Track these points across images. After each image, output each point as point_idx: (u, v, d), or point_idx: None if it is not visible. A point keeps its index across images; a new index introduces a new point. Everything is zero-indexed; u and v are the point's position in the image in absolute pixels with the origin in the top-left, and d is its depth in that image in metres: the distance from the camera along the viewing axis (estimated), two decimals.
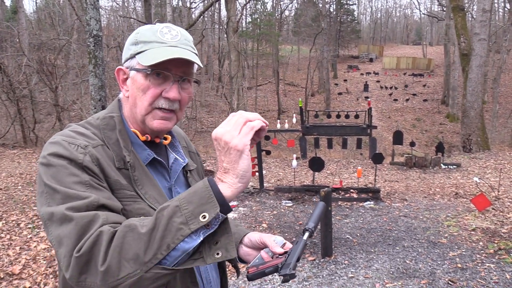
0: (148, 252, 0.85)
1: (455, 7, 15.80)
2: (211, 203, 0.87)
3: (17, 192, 7.53)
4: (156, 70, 1.05)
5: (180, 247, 0.86)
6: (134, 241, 0.86)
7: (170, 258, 0.86)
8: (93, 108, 6.59)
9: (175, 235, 0.85)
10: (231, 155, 0.89)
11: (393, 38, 71.56)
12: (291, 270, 1.02)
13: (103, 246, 0.86)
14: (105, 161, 1.02)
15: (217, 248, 0.90)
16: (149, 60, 1.04)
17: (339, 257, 4.68)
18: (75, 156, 0.98)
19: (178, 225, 0.85)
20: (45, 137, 16.29)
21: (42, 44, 17.50)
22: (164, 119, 1.10)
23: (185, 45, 1.10)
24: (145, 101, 1.08)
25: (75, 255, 0.86)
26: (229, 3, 19.78)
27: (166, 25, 1.11)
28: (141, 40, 1.09)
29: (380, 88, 36.00)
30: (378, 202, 7.12)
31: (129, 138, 1.11)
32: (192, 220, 0.86)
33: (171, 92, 1.07)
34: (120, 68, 1.14)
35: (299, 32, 43.87)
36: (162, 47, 1.06)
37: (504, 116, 25.96)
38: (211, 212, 0.86)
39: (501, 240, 4.95)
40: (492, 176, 9.20)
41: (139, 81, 1.08)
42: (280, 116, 27.77)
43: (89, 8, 6.44)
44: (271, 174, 10.70)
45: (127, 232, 0.87)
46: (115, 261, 0.85)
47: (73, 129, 1.08)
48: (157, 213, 0.88)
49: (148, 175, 1.08)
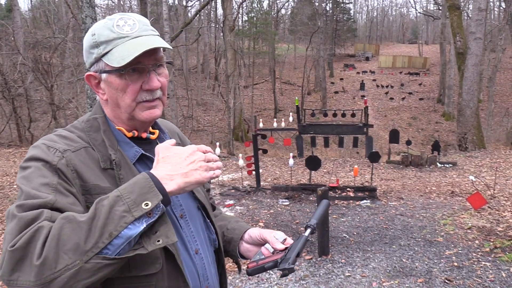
0: (89, 240, 0.83)
1: (451, 6, 15.84)
2: (153, 192, 0.90)
3: (12, 191, 7.50)
4: (130, 67, 1.04)
5: (124, 234, 0.86)
6: (73, 231, 0.84)
7: (112, 247, 0.86)
8: (89, 107, 6.56)
9: (118, 223, 0.85)
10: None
11: (389, 36, 71.69)
12: (290, 264, 1.02)
13: (40, 241, 0.83)
14: (85, 165, 1.02)
15: (157, 236, 0.91)
16: (119, 60, 1.02)
17: (336, 256, 4.69)
18: (50, 159, 0.99)
19: (121, 213, 0.86)
20: (41, 135, 16.20)
21: (38, 43, 17.43)
22: (151, 108, 1.10)
23: (145, 30, 1.08)
24: (128, 99, 1.07)
25: (9, 249, 0.83)
26: (226, 2, 19.75)
27: (120, 17, 1.08)
28: (101, 41, 1.06)
29: (376, 87, 36.07)
30: (374, 200, 7.13)
31: (114, 137, 1.10)
32: (135, 208, 0.87)
33: (151, 82, 1.07)
34: (89, 74, 1.11)
35: (295, 30, 43.83)
36: (126, 41, 1.04)
37: (499, 115, 26.07)
38: (153, 200, 0.89)
39: (497, 239, 4.97)
40: (488, 175, 9.24)
41: (114, 82, 1.06)
42: (277, 115, 27.77)
43: (84, 6, 6.40)
44: (268, 173, 10.70)
45: (65, 223, 0.85)
46: (52, 252, 0.82)
47: (57, 133, 1.08)
48: (96, 204, 0.89)
49: (134, 174, 1.06)
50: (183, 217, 1.14)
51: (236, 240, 1.30)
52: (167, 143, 1.03)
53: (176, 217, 1.12)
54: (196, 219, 1.19)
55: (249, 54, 36.24)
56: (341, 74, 41.05)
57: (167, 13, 15.77)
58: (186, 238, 1.12)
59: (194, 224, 1.17)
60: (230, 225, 1.36)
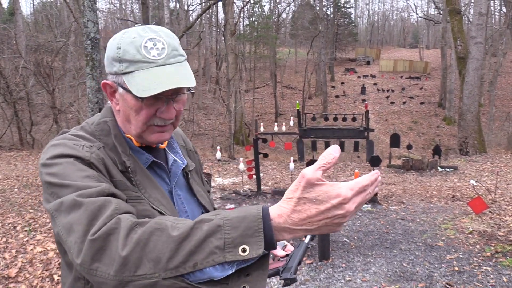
0: (172, 261, 0.76)
1: (451, 10, 15.88)
2: (257, 237, 0.75)
3: (13, 195, 7.50)
4: (151, 95, 0.99)
5: (208, 271, 0.76)
6: (162, 243, 0.77)
7: (193, 276, 0.77)
8: (90, 111, 6.58)
9: (207, 257, 0.75)
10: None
11: (390, 41, 71.75)
12: (292, 274, 1.02)
13: (122, 235, 0.79)
14: (109, 162, 1.01)
15: (247, 281, 0.78)
16: (139, 90, 0.97)
17: (337, 260, 4.68)
18: (82, 154, 0.96)
19: (214, 248, 0.75)
20: (42, 139, 16.25)
21: (39, 46, 17.51)
22: (161, 132, 1.08)
23: (174, 57, 1.02)
24: (139, 121, 1.04)
25: (90, 238, 0.79)
26: (227, 6, 19.83)
27: (149, 37, 1.01)
28: (125, 59, 1.00)
29: (377, 91, 36.08)
30: (375, 205, 7.13)
31: (126, 143, 1.08)
32: (230, 249, 0.75)
33: (166, 113, 1.04)
34: (106, 83, 1.07)
35: (296, 35, 43.92)
36: (151, 68, 0.99)
37: (500, 119, 26.05)
38: (253, 248, 0.75)
39: (498, 243, 4.96)
40: (489, 179, 9.23)
41: (130, 101, 1.03)
42: (278, 119, 27.78)
43: (86, 10, 6.43)
44: (269, 177, 10.70)
45: (156, 229, 0.79)
46: (136, 255, 0.77)
47: (73, 133, 1.06)
48: (196, 223, 0.78)
49: (149, 178, 1.07)
50: None
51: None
52: (315, 172, 0.76)
53: None
54: None
55: (250, 58, 36.29)
56: (342, 78, 41.08)
57: (168, 17, 15.83)
58: None
59: None
60: None
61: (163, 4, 19.35)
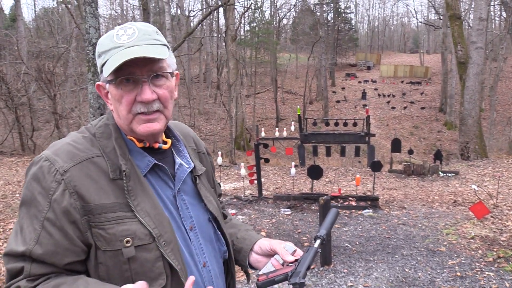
0: None
1: (451, 15, 15.92)
2: None
3: (14, 201, 7.50)
4: (122, 77, 1.01)
5: None
6: None
7: None
8: (91, 116, 6.59)
9: None
10: None
11: (391, 46, 71.91)
12: (300, 279, 1.01)
13: None
14: (89, 179, 1.00)
15: None
16: (108, 70, 0.99)
17: (338, 266, 4.67)
18: (47, 186, 0.98)
19: None
20: (43, 144, 16.26)
21: (41, 52, 17.55)
22: (148, 121, 1.05)
23: (145, 40, 1.03)
24: (123, 110, 1.04)
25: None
26: (228, 12, 19.92)
27: (122, 26, 1.05)
28: (101, 51, 1.04)
29: (378, 96, 36.13)
30: (376, 210, 7.11)
31: (126, 146, 1.07)
32: None
33: (143, 94, 1.02)
34: (98, 85, 1.10)
35: (297, 40, 44.03)
36: (119, 51, 1.00)
37: (501, 124, 26.05)
38: None
39: (500, 248, 4.95)
40: (491, 184, 9.21)
41: (112, 92, 1.05)
42: (279, 124, 27.79)
43: (88, 16, 6.46)
44: (270, 182, 10.69)
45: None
46: None
47: (68, 142, 1.06)
48: None
49: (143, 185, 1.04)
50: (192, 229, 1.12)
51: (246, 251, 1.27)
52: None
53: (185, 229, 1.10)
54: (206, 231, 1.17)
55: (251, 63, 36.38)
56: (343, 83, 41.16)
57: (169, 23, 15.90)
58: (195, 250, 1.11)
59: (204, 236, 1.15)
60: (240, 234, 1.34)
61: (164, 10, 19.43)
